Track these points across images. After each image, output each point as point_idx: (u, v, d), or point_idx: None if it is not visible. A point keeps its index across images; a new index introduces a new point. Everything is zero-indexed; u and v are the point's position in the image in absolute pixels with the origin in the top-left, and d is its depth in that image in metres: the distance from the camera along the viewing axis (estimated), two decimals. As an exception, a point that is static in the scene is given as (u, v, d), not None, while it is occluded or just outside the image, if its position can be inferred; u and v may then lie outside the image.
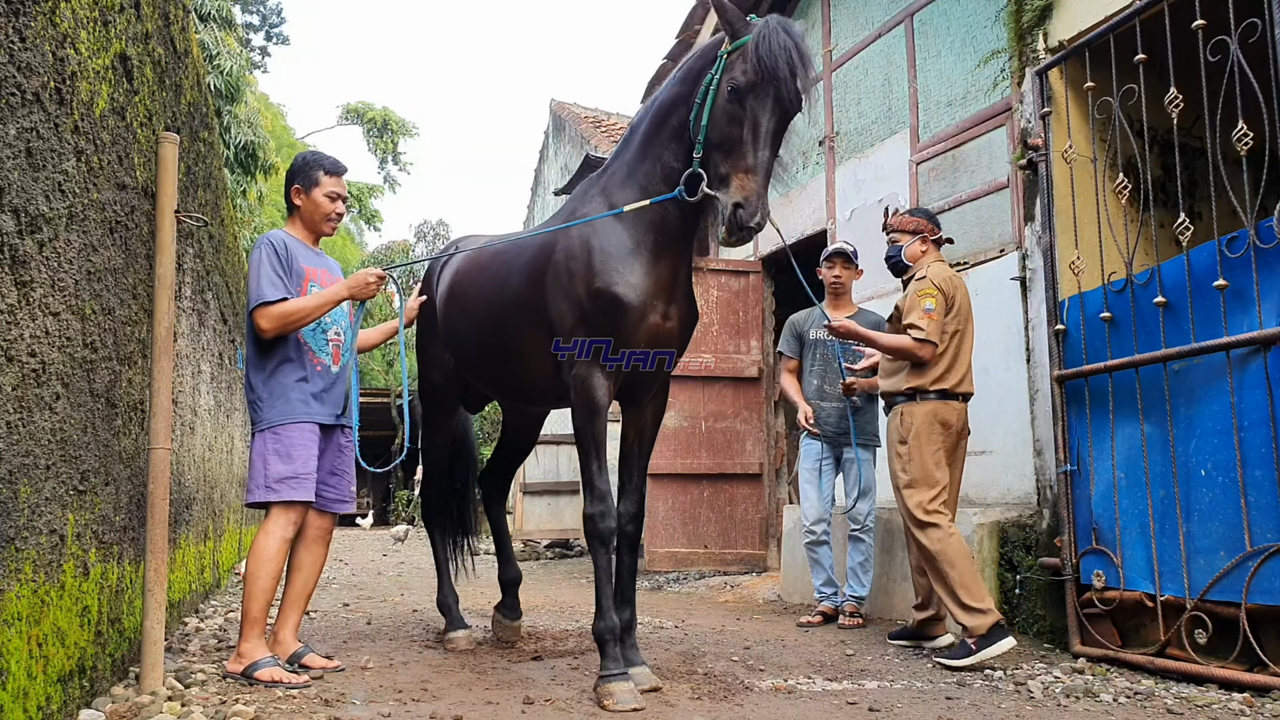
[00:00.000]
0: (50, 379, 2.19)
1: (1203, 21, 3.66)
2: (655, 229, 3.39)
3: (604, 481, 3.37)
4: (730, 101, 3.10)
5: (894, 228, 4.64)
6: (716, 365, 7.53)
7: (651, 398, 3.68)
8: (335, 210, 3.70)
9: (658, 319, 3.39)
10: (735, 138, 3.08)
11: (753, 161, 3.04)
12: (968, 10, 5.81)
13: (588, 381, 3.37)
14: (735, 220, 3.00)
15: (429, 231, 33.53)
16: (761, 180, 3.04)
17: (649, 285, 3.36)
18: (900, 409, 4.35)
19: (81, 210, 2.40)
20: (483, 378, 4.24)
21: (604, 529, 3.33)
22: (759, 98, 3.06)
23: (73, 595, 2.43)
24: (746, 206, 2.99)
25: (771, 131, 3.09)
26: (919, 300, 4.26)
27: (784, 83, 3.04)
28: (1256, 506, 3.38)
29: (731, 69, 3.12)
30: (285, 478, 3.37)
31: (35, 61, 2.02)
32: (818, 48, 7.42)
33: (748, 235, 3.03)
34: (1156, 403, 3.87)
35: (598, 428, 3.40)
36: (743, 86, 3.06)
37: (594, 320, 3.35)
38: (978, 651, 3.85)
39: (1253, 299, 3.45)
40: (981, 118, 5.62)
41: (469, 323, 4.11)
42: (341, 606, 5.75)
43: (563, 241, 3.51)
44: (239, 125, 11.62)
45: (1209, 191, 3.78)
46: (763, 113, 3.06)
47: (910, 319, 4.26)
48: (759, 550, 7.44)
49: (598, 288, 3.32)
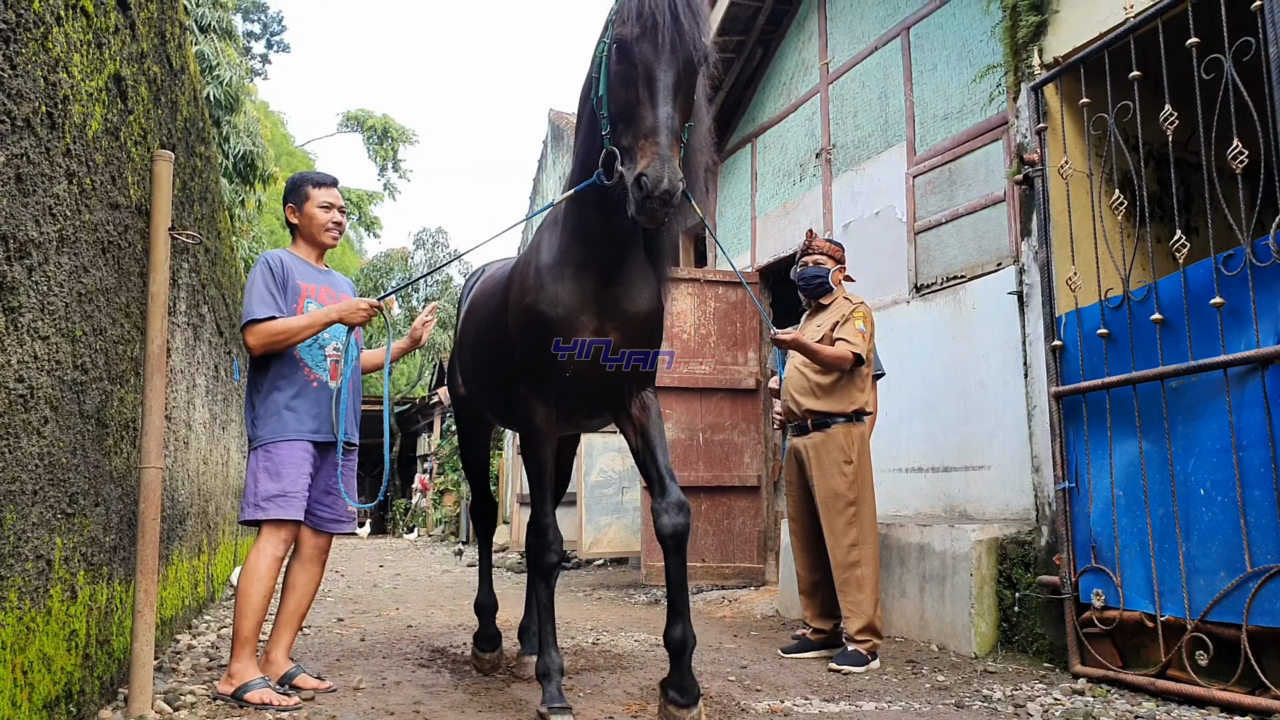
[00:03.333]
0: (38, 403, 2.17)
1: (1196, 39, 3.65)
2: (577, 237, 3.19)
3: (546, 514, 3.24)
4: (620, 62, 2.77)
5: (820, 250, 4.83)
6: (714, 376, 7.52)
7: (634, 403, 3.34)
8: (331, 219, 3.70)
9: (587, 335, 3.17)
10: (632, 100, 2.72)
11: (651, 122, 2.64)
12: (964, 24, 5.81)
13: (527, 407, 3.27)
14: (638, 191, 2.58)
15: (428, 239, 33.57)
16: (665, 142, 2.60)
17: (573, 300, 3.16)
18: (840, 428, 4.61)
19: (73, 233, 2.39)
20: (483, 397, 4.23)
21: (544, 563, 3.22)
22: (646, 47, 2.70)
23: (60, 620, 2.41)
24: (649, 175, 2.55)
25: (670, 86, 2.69)
26: (854, 320, 4.60)
27: (667, 26, 2.69)
28: (1256, 527, 3.36)
29: (616, 24, 2.79)
30: (273, 495, 3.35)
31: (26, 88, 2.01)
32: (814, 60, 7.43)
33: (659, 210, 2.58)
34: (1155, 420, 3.85)
35: (541, 455, 3.29)
36: (628, 39, 2.72)
37: (525, 334, 3.24)
38: (871, 660, 4.32)
39: (1250, 317, 3.44)
40: (978, 131, 5.62)
41: (471, 343, 4.13)
42: (335, 621, 5.72)
43: (522, 255, 3.50)
44: (238, 135, 11.62)
45: (1205, 207, 3.77)
46: (654, 63, 2.69)
47: (843, 334, 4.56)
48: (757, 564, 7.41)
49: (525, 304, 3.23)
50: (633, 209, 2.65)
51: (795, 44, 7.78)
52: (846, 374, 4.60)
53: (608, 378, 3.26)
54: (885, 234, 6.38)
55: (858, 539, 4.50)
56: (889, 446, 5.93)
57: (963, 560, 4.74)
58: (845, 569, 4.49)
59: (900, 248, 6.22)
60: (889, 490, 5.90)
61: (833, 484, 4.56)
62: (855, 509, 4.54)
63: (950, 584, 4.80)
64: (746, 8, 7.82)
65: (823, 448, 4.61)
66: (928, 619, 4.92)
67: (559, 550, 3.28)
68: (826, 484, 4.58)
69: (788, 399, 4.79)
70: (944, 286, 5.80)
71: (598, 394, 3.33)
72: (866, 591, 4.45)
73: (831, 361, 4.53)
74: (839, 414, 4.61)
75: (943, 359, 5.73)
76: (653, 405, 3.38)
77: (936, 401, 5.75)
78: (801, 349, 4.51)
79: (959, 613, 4.72)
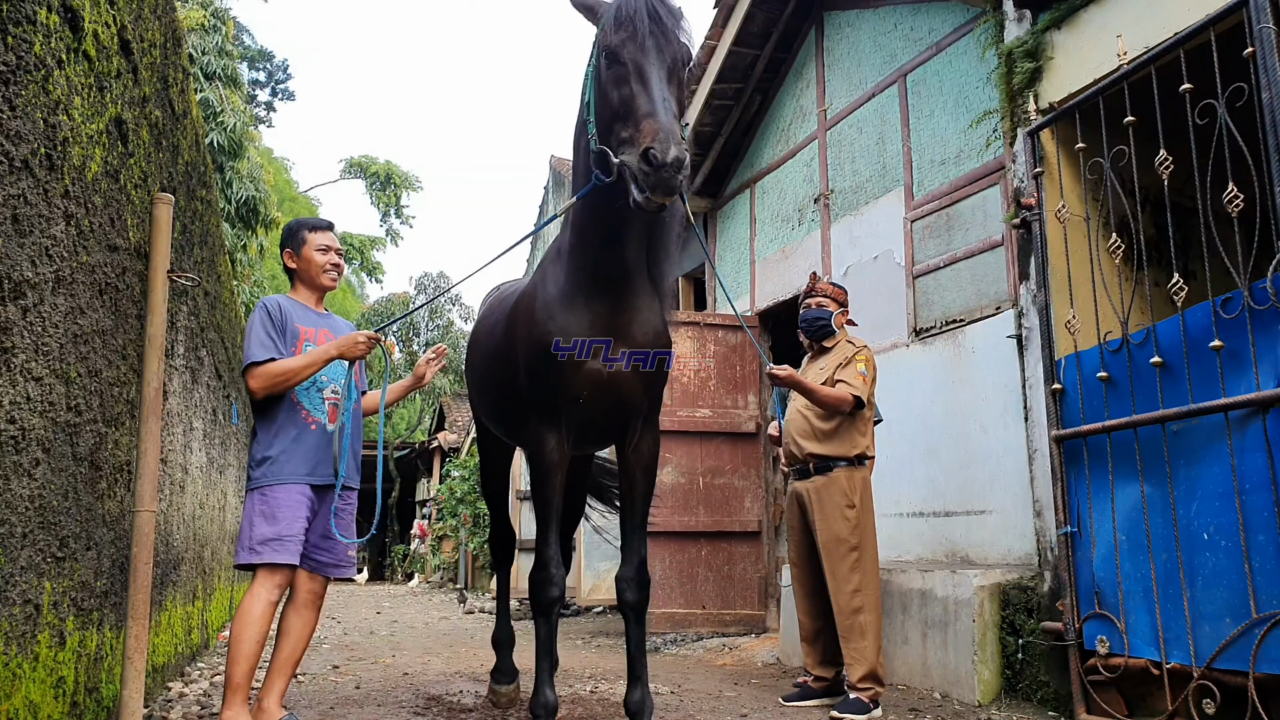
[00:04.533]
0: (30, 445, 2.16)
1: (1189, 85, 3.69)
2: (584, 271, 3.29)
3: (551, 547, 3.26)
4: (610, 66, 2.96)
5: (823, 293, 4.85)
6: (714, 420, 7.49)
7: (634, 446, 3.49)
8: (329, 261, 3.71)
9: (598, 363, 3.28)
10: (627, 95, 2.89)
11: (648, 106, 2.79)
12: (960, 71, 5.88)
13: (537, 437, 3.31)
14: (647, 165, 2.66)
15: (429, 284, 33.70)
16: (665, 119, 2.74)
17: (583, 331, 3.25)
18: (842, 472, 4.56)
19: (70, 274, 2.39)
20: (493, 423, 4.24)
21: (544, 599, 3.22)
22: (633, 46, 2.91)
23: (47, 666, 2.37)
24: (656, 146, 2.64)
25: (661, 76, 2.88)
26: (855, 364, 4.58)
27: (649, 24, 2.91)
28: (1260, 572, 3.32)
29: (602, 40, 3.01)
30: (268, 539, 3.32)
31: (25, 129, 2.02)
32: (812, 107, 7.51)
33: (671, 179, 2.65)
34: (1156, 464, 3.82)
35: (548, 488, 3.31)
36: (615, 44, 2.93)
37: (534, 366, 3.30)
38: (874, 709, 4.24)
39: (1249, 360, 3.43)
40: (975, 176, 5.66)
41: (479, 369, 4.16)
42: (331, 669, 5.64)
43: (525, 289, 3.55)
44: (240, 180, 11.72)
45: (1203, 251, 3.78)
46: (643, 58, 2.89)
47: (844, 376, 4.54)
48: (758, 610, 7.33)
49: (532, 335, 3.30)
50: (642, 188, 2.70)
51: (793, 91, 7.87)
52: (848, 417, 4.57)
53: (615, 409, 3.32)
54: (884, 278, 6.40)
55: (860, 585, 4.45)
56: (890, 491, 5.89)
57: (965, 606, 4.68)
58: (848, 615, 4.43)
59: (899, 291, 6.24)
60: (890, 535, 5.84)
61: (835, 528, 4.51)
62: (858, 554, 4.49)
63: (953, 630, 4.73)
64: (745, 56, 7.93)
65: (825, 491, 4.57)
66: (930, 666, 4.85)
67: (561, 585, 3.28)
68: (829, 528, 4.53)
69: (789, 442, 4.76)
70: (943, 330, 5.80)
71: (605, 424, 3.41)
72: (869, 638, 4.38)
73: (829, 402, 4.51)
74: (841, 458, 4.57)
75: (943, 403, 5.71)
76: (648, 452, 3.49)
77: (937, 445, 5.72)
78: (797, 386, 4.49)
79: (962, 660, 4.65)
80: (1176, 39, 3.84)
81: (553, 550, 3.24)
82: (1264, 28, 3.42)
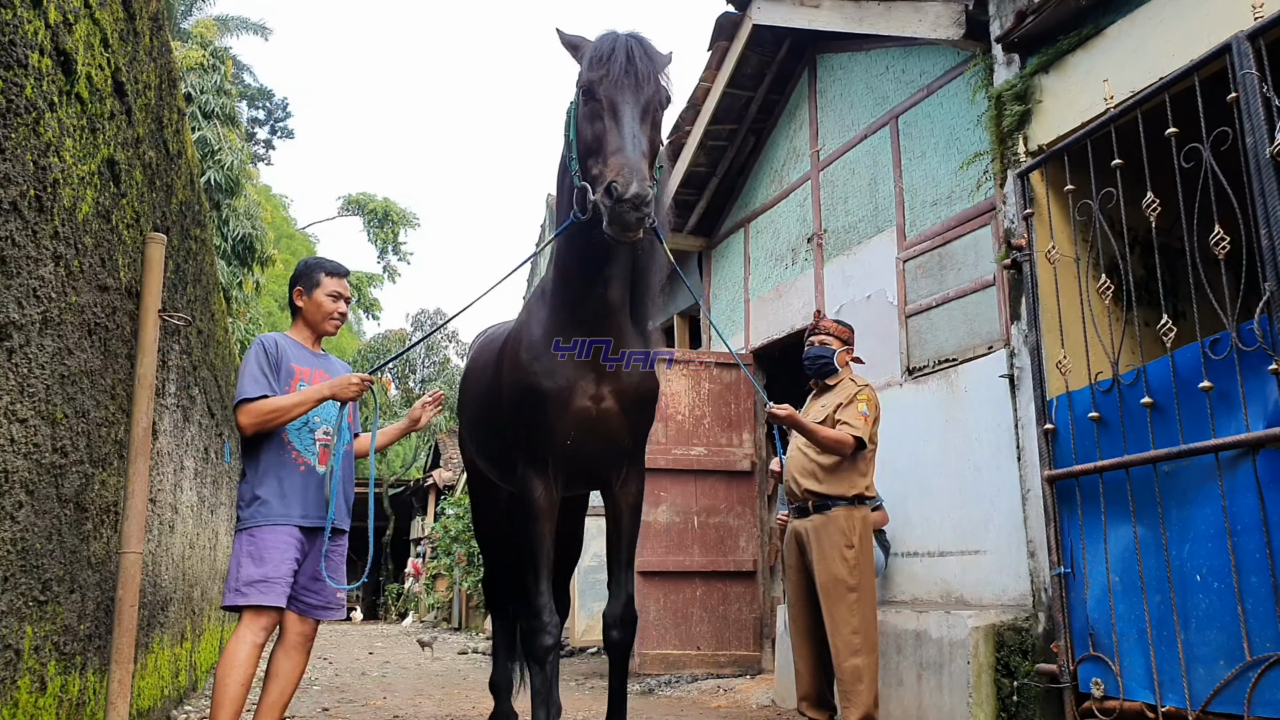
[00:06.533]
0: (13, 487, 2.14)
1: (1175, 129, 3.73)
2: (567, 310, 3.33)
3: (543, 595, 3.24)
4: (586, 103, 3.07)
5: (827, 330, 4.82)
6: (709, 458, 7.46)
7: (622, 484, 3.53)
8: (337, 309, 3.73)
9: (586, 403, 3.30)
10: (600, 131, 3.00)
11: (618, 142, 2.89)
12: (951, 113, 5.94)
13: (525, 482, 3.31)
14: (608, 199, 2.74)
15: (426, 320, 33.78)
16: (632, 155, 2.82)
17: (569, 370, 3.28)
18: (842, 511, 4.49)
19: (58, 314, 2.39)
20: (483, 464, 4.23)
21: (537, 647, 3.20)
22: (608, 84, 3.01)
23: (27, 712, 2.34)
24: (619, 181, 2.74)
25: (632, 114, 2.96)
26: (857, 404, 4.54)
27: (625, 64, 3.00)
28: (1254, 614, 3.29)
29: (581, 78, 3.13)
30: (255, 581, 3.29)
31: (14, 172, 2.04)
32: (805, 147, 7.58)
33: (629, 215, 2.73)
34: (1148, 504, 3.81)
35: (536, 533, 3.30)
36: (593, 81, 3.04)
37: (521, 408, 3.32)
38: None
39: (1239, 400, 3.43)
40: (967, 216, 5.70)
41: (470, 411, 4.16)
42: (320, 711, 5.57)
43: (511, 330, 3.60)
44: (237, 218, 11.80)
45: (1191, 292, 3.80)
46: (616, 95, 2.98)
47: (845, 416, 4.49)
48: (753, 651, 7.26)
49: (518, 377, 3.33)
50: (605, 221, 2.78)
51: (787, 132, 7.95)
52: (849, 457, 4.53)
53: (603, 449, 3.32)
54: (877, 317, 6.42)
55: (859, 627, 4.38)
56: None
57: (960, 647, 4.63)
58: (846, 657, 4.37)
59: (892, 331, 6.25)
60: (885, 574, 5.80)
61: (834, 569, 4.44)
62: (857, 594, 4.42)
63: (948, 672, 4.68)
64: (739, 97, 8.02)
65: (823, 531, 4.50)
66: (925, 709, 4.80)
67: (555, 633, 3.24)
68: (827, 568, 4.46)
69: (789, 480, 4.72)
70: (936, 369, 5.81)
71: (594, 465, 3.42)
72: (865, 681, 4.33)
73: (829, 444, 4.46)
74: (840, 497, 4.50)
75: (936, 442, 5.70)
76: (635, 491, 3.49)
77: (930, 485, 5.71)
78: (797, 426, 4.45)
79: (957, 702, 4.60)
80: (1162, 84, 3.89)
81: (545, 597, 3.21)
82: (1246, 73, 3.46)
